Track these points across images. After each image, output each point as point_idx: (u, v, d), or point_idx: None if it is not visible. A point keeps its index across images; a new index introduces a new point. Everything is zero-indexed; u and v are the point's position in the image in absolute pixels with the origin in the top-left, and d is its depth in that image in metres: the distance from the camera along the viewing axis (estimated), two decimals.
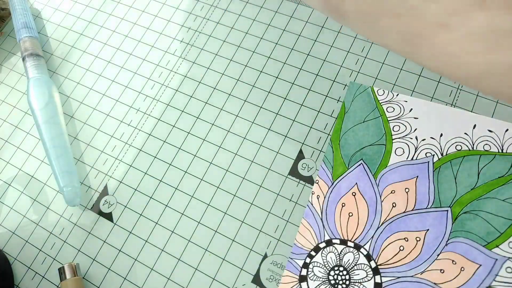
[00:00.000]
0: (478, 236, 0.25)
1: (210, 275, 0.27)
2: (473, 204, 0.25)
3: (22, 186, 0.32)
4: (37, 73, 0.33)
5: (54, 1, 0.39)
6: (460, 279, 0.24)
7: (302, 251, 0.26)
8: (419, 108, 0.28)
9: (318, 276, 0.25)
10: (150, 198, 0.30)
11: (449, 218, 0.25)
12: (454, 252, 0.25)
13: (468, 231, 0.25)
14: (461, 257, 0.24)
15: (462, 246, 0.25)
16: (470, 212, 0.25)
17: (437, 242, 0.25)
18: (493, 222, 0.25)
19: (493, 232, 0.25)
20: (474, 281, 0.24)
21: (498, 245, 0.24)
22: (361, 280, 0.25)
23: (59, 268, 0.27)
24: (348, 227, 0.26)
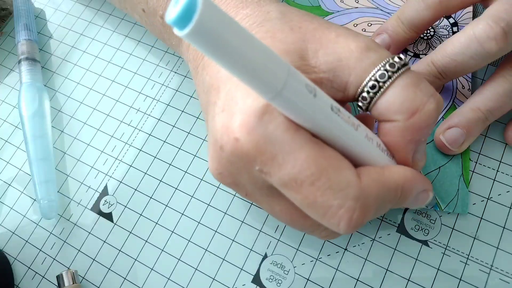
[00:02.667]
0: None
1: (210, 275, 0.27)
2: None
3: (22, 186, 0.32)
4: (29, 79, 0.33)
5: (55, 1, 0.39)
6: None
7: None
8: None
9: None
10: (150, 198, 0.30)
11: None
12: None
13: None
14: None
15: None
16: None
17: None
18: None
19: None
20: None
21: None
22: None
23: (57, 275, 0.27)
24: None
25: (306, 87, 0.16)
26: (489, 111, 0.25)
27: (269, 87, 0.15)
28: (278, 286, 0.26)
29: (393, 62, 0.19)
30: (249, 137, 0.17)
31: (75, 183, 0.31)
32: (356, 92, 0.19)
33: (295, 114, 0.17)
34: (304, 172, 0.17)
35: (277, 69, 0.15)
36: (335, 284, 0.26)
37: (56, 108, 0.34)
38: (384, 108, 0.19)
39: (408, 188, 0.19)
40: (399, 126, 0.19)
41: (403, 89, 0.18)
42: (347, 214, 0.17)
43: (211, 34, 0.13)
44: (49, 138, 0.32)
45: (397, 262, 0.25)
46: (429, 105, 0.19)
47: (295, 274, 0.26)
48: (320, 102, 0.16)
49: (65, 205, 0.31)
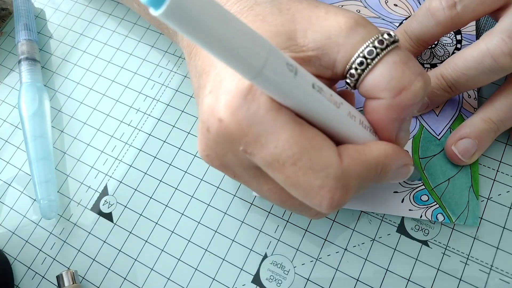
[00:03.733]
0: None
1: (210, 275, 0.27)
2: None
3: (22, 186, 0.32)
4: (29, 79, 0.33)
5: (55, 1, 0.39)
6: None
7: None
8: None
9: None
10: (150, 198, 0.30)
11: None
12: None
13: None
14: None
15: None
16: None
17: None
18: None
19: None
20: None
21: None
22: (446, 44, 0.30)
23: (57, 275, 0.27)
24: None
25: (287, 65, 0.16)
26: (501, 122, 0.25)
27: (249, 67, 0.15)
28: (278, 286, 0.26)
29: (382, 38, 0.18)
30: (232, 117, 0.18)
31: (75, 183, 0.31)
32: (345, 69, 0.19)
33: (277, 93, 0.17)
34: (286, 152, 0.17)
35: (256, 49, 0.15)
36: (335, 284, 0.26)
37: (56, 108, 0.34)
38: (371, 85, 0.19)
39: (388, 164, 0.20)
40: (385, 103, 0.19)
41: (391, 67, 0.18)
42: (329, 194, 0.18)
43: (187, 12, 0.13)
44: (49, 138, 0.32)
45: (397, 262, 0.25)
46: (416, 83, 0.18)
47: (295, 274, 0.26)
48: (301, 80, 0.16)
49: (65, 205, 0.31)
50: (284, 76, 0.16)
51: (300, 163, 0.17)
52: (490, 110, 0.25)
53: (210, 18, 0.13)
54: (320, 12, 0.20)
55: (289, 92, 0.17)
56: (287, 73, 0.16)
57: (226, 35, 0.14)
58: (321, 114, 0.18)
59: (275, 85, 0.16)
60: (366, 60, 0.18)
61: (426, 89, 0.19)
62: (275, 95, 0.17)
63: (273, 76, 0.16)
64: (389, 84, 0.18)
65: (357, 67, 0.19)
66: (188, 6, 0.13)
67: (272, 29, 0.19)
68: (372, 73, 0.19)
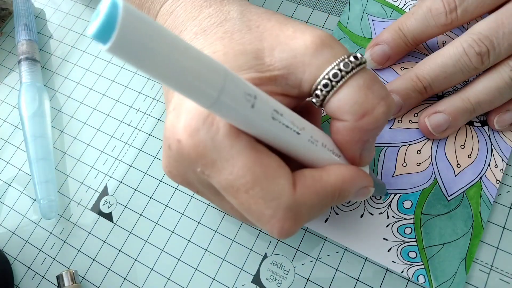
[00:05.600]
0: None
1: (210, 275, 0.27)
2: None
3: (22, 186, 0.32)
4: (29, 79, 0.33)
5: (55, 1, 0.39)
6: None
7: None
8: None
9: None
10: (150, 198, 0.30)
11: None
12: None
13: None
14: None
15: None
16: None
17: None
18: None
19: None
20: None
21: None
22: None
23: (57, 275, 0.27)
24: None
25: (244, 95, 0.15)
26: (478, 104, 0.25)
27: (204, 98, 0.15)
28: (278, 286, 0.26)
29: (348, 61, 0.18)
30: (190, 140, 0.18)
31: (75, 183, 0.31)
32: (311, 88, 0.19)
33: (234, 122, 0.17)
34: (239, 180, 0.17)
35: (212, 78, 0.14)
36: (335, 284, 0.26)
37: (56, 108, 0.34)
38: (335, 107, 0.19)
39: (345, 189, 0.20)
40: (349, 126, 0.19)
41: (355, 90, 0.18)
42: (278, 224, 0.18)
43: (136, 45, 0.12)
44: (49, 138, 0.32)
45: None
46: (379, 108, 0.19)
47: (295, 274, 0.26)
48: (260, 110, 0.16)
49: (65, 205, 0.31)
50: (241, 107, 0.16)
51: (252, 192, 0.18)
52: (470, 90, 0.25)
53: (160, 50, 0.13)
54: (289, 30, 0.19)
55: (246, 122, 0.16)
56: (244, 103, 0.16)
57: (179, 66, 0.13)
58: (280, 141, 0.18)
59: (231, 114, 0.16)
60: (331, 83, 0.18)
61: (389, 114, 0.19)
62: (232, 122, 0.17)
63: (229, 106, 0.15)
64: (352, 108, 0.18)
65: (322, 89, 0.19)
66: (136, 39, 0.12)
67: (239, 47, 0.19)
68: (336, 96, 0.19)
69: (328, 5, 0.33)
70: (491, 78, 0.25)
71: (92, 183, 0.31)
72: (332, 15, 0.33)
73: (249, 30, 0.20)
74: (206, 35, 0.20)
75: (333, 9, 0.33)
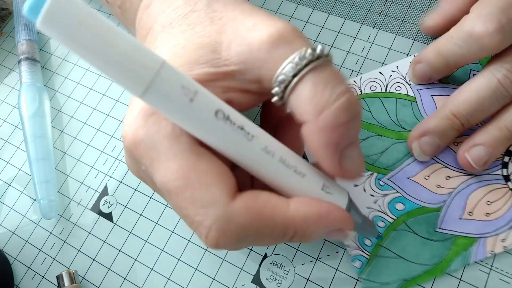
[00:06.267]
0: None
1: (210, 275, 0.27)
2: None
3: (22, 186, 0.32)
4: (29, 79, 0.33)
5: None
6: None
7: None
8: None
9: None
10: (150, 198, 0.30)
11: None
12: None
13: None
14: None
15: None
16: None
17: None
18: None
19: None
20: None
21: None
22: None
23: (57, 275, 0.27)
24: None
25: (182, 88, 0.15)
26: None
27: (135, 84, 0.14)
28: (278, 286, 0.26)
29: (305, 55, 0.17)
30: (131, 137, 0.18)
31: (75, 183, 0.31)
32: (271, 85, 0.18)
33: (171, 116, 0.16)
34: (172, 182, 0.17)
35: (145, 66, 0.14)
36: (335, 284, 0.26)
37: (56, 108, 0.34)
38: (294, 105, 0.18)
39: (306, 229, 0.18)
40: (310, 126, 0.17)
41: (312, 86, 0.17)
42: (204, 231, 0.17)
43: (64, 24, 0.13)
44: (49, 138, 0.32)
45: None
46: (337, 102, 0.17)
47: (295, 274, 0.26)
48: (200, 106, 0.16)
49: (65, 205, 0.31)
50: (177, 99, 0.15)
51: (183, 196, 0.17)
52: (506, 118, 0.24)
53: (91, 29, 0.13)
54: (250, 22, 0.18)
55: (184, 117, 0.16)
56: (181, 97, 0.15)
57: (109, 48, 0.14)
58: (225, 145, 0.17)
59: (166, 107, 0.15)
60: (288, 78, 0.17)
61: (350, 108, 0.17)
62: (170, 117, 0.16)
63: (163, 97, 0.15)
64: (309, 105, 0.17)
65: (280, 85, 0.17)
66: (66, 17, 0.13)
67: (198, 40, 0.19)
68: (294, 92, 0.17)
69: (328, 5, 0.33)
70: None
71: (92, 183, 0.31)
72: (332, 15, 0.33)
73: (211, 22, 0.19)
74: (172, 28, 0.20)
75: (333, 9, 0.33)
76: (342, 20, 0.32)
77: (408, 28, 0.31)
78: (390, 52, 0.31)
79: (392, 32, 0.31)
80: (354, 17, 0.32)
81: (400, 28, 0.31)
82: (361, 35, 0.32)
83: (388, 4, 0.32)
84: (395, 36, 0.31)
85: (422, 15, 0.31)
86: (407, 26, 0.31)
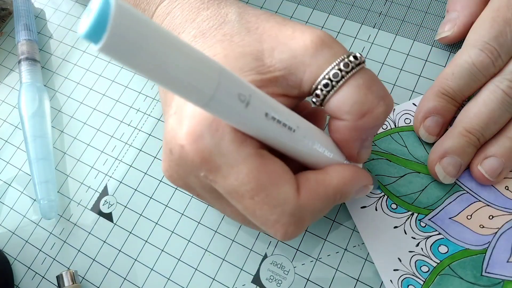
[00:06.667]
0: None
1: (210, 275, 0.27)
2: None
3: (22, 186, 0.32)
4: (29, 79, 0.33)
5: (55, 1, 0.39)
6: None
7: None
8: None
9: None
10: (150, 198, 0.30)
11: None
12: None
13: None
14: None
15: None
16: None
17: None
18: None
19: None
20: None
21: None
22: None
23: (57, 275, 0.27)
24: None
25: (238, 96, 0.15)
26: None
27: (200, 95, 0.14)
28: (278, 286, 0.26)
29: (348, 61, 0.18)
30: (194, 145, 0.18)
31: (75, 183, 0.31)
32: (311, 88, 0.19)
33: (229, 122, 0.17)
34: (244, 186, 0.18)
35: (207, 77, 0.14)
36: (335, 284, 0.26)
37: (56, 108, 0.34)
38: (335, 106, 0.19)
39: (347, 190, 0.20)
40: (348, 125, 0.19)
41: (355, 90, 0.19)
42: (282, 229, 0.18)
43: (129, 44, 0.12)
44: (49, 138, 0.32)
45: None
46: (378, 108, 0.19)
47: (295, 274, 0.26)
48: (253, 110, 0.16)
49: (65, 205, 0.31)
50: (235, 107, 0.15)
51: (257, 198, 0.18)
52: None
53: (155, 48, 0.12)
54: (288, 31, 0.20)
55: (241, 121, 0.17)
56: (238, 104, 0.15)
57: (174, 64, 0.13)
58: (275, 140, 0.18)
59: (225, 114, 0.16)
60: (331, 83, 0.18)
61: (388, 113, 0.19)
62: (227, 121, 0.17)
63: (222, 107, 0.15)
64: (352, 108, 0.19)
65: (323, 89, 0.19)
66: (130, 37, 0.11)
67: (239, 49, 0.19)
68: (336, 95, 0.19)
69: (328, 5, 0.33)
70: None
71: (92, 183, 0.31)
72: (332, 15, 0.33)
73: (248, 32, 0.20)
74: (205, 38, 0.20)
75: (333, 9, 0.33)
76: (342, 20, 0.32)
77: (408, 28, 0.31)
78: (390, 52, 0.31)
79: (392, 32, 0.31)
80: (354, 17, 0.32)
81: (400, 28, 0.31)
82: (361, 35, 0.32)
83: (388, 4, 0.32)
84: (395, 36, 0.31)
85: (422, 15, 0.31)
86: (407, 26, 0.31)
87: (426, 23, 0.31)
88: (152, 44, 0.12)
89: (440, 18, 0.31)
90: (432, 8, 0.32)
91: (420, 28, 0.31)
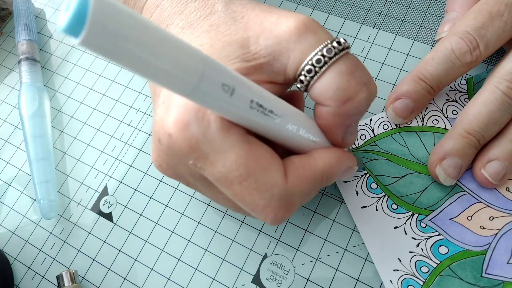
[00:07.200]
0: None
1: (210, 275, 0.27)
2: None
3: (22, 186, 0.32)
4: (29, 79, 0.33)
5: (55, 1, 0.39)
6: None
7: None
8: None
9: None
10: (150, 198, 0.30)
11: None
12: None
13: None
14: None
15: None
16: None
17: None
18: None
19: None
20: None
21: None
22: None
23: (57, 275, 0.27)
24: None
25: (222, 87, 0.15)
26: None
27: (183, 85, 0.14)
28: (278, 286, 0.26)
29: (331, 47, 0.18)
30: (181, 133, 0.18)
31: (75, 183, 0.31)
32: (296, 74, 0.19)
33: (215, 111, 0.17)
34: (233, 172, 0.18)
35: (191, 66, 0.14)
36: (335, 284, 0.26)
37: (56, 108, 0.34)
38: (318, 93, 0.19)
39: (333, 172, 0.20)
40: (331, 111, 0.19)
41: (338, 76, 0.19)
42: (272, 213, 0.19)
43: (110, 36, 0.11)
44: (49, 138, 0.32)
45: None
46: (361, 94, 0.19)
47: (295, 274, 0.26)
48: (238, 99, 0.16)
49: (65, 205, 0.31)
50: (219, 96, 0.16)
51: (246, 184, 0.18)
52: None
53: (137, 40, 0.12)
54: (273, 17, 0.20)
55: (226, 110, 0.17)
56: (222, 93, 0.16)
57: (158, 55, 0.13)
58: (261, 127, 0.18)
59: (210, 104, 0.16)
60: (314, 68, 0.19)
61: (371, 99, 0.20)
62: (212, 109, 0.17)
63: (206, 96, 0.15)
64: (335, 94, 0.19)
65: (306, 74, 0.19)
66: (110, 27, 0.11)
67: (225, 38, 0.19)
68: (319, 81, 0.19)
69: (328, 5, 0.33)
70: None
71: (92, 183, 0.31)
72: (332, 15, 0.33)
73: (234, 21, 0.20)
74: (193, 29, 0.21)
75: (333, 9, 0.33)
76: (342, 20, 0.32)
77: (408, 28, 0.31)
78: (390, 52, 0.31)
79: (392, 32, 0.31)
80: (354, 17, 0.32)
81: (400, 28, 0.31)
82: (361, 35, 0.32)
83: (388, 4, 0.32)
84: (395, 36, 0.31)
85: (422, 15, 0.31)
86: (407, 26, 0.31)
87: (426, 23, 0.31)
88: (133, 35, 0.12)
89: (440, 18, 0.31)
90: (432, 8, 0.32)
91: (420, 28, 0.31)
